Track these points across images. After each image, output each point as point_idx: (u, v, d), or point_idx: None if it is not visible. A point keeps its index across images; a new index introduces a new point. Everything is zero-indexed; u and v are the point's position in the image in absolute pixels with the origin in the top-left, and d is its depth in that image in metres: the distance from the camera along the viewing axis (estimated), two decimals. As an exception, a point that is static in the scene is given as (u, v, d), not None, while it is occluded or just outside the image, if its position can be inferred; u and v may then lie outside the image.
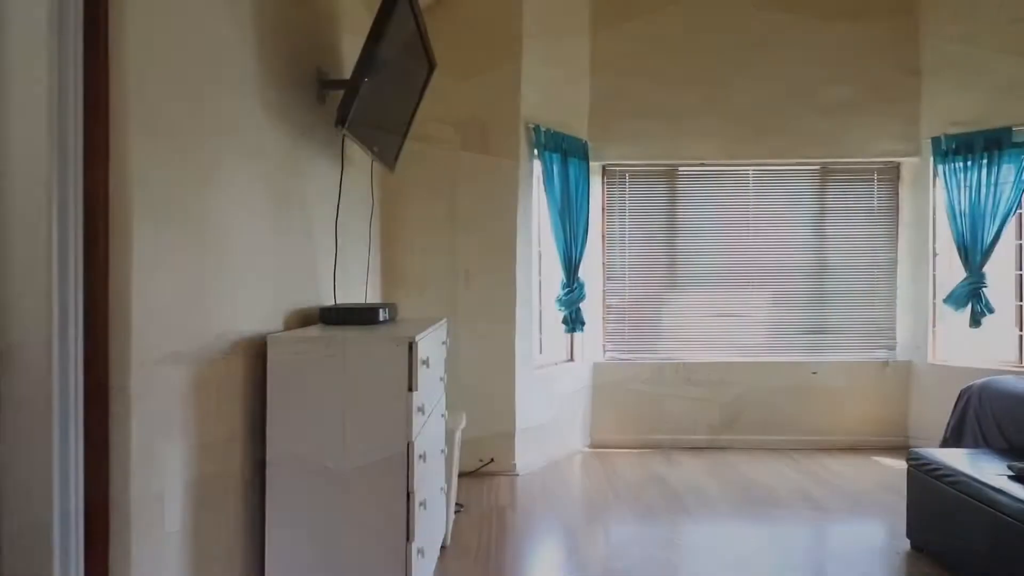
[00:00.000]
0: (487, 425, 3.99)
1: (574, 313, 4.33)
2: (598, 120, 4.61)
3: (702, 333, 4.75)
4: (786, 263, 4.71)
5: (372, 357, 1.96)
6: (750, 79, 4.59)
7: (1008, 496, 2.36)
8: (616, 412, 4.69)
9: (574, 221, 4.31)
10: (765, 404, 4.65)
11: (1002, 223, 4.13)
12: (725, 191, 4.74)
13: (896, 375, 4.63)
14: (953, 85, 4.39)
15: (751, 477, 4.00)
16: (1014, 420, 3.00)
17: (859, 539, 3.15)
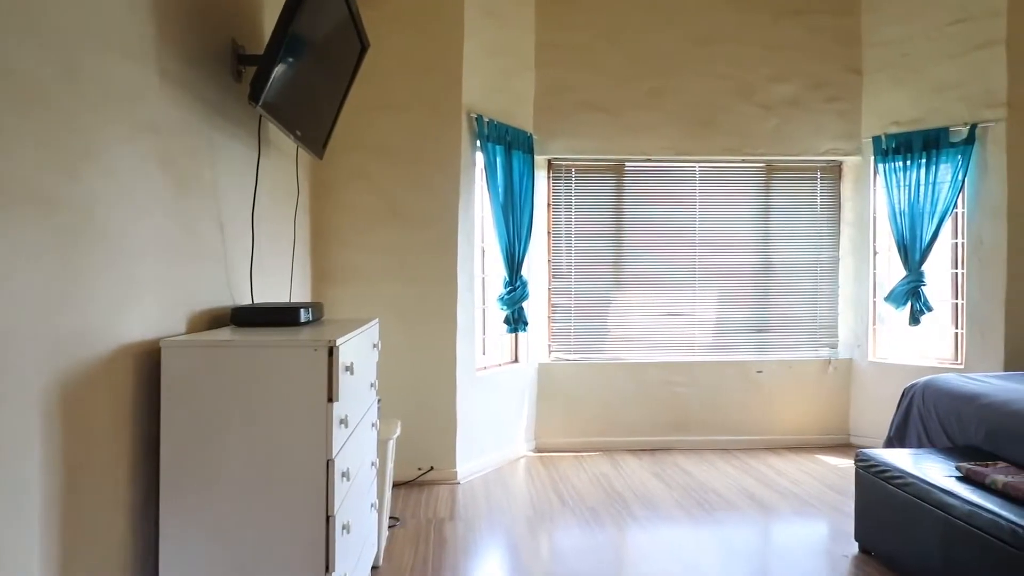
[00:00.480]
0: (426, 431, 3.77)
1: (516, 313, 4.15)
2: (543, 113, 4.45)
3: (649, 332, 4.65)
4: (732, 261, 4.67)
5: (286, 364, 1.72)
6: (697, 75, 4.52)
7: (958, 498, 2.31)
8: (562, 414, 4.54)
9: (518, 217, 4.13)
10: (711, 404, 4.60)
11: (940, 222, 4.19)
12: (672, 188, 4.66)
13: (838, 373, 4.66)
14: (892, 85, 4.43)
15: (698, 478, 3.92)
16: (958, 419, 2.99)
17: (807, 542, 3.08)
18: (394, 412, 3.51)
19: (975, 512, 2.22)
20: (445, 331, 3.80)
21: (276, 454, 1.69)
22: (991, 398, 2.86)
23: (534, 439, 4.52)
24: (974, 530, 2.21)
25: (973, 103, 4.10)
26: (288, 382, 1.71)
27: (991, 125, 4.05)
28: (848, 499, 3.56)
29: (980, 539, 2.19)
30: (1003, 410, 2.76)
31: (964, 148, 4.10)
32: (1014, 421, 2.66)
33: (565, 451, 4.47)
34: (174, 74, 1.86)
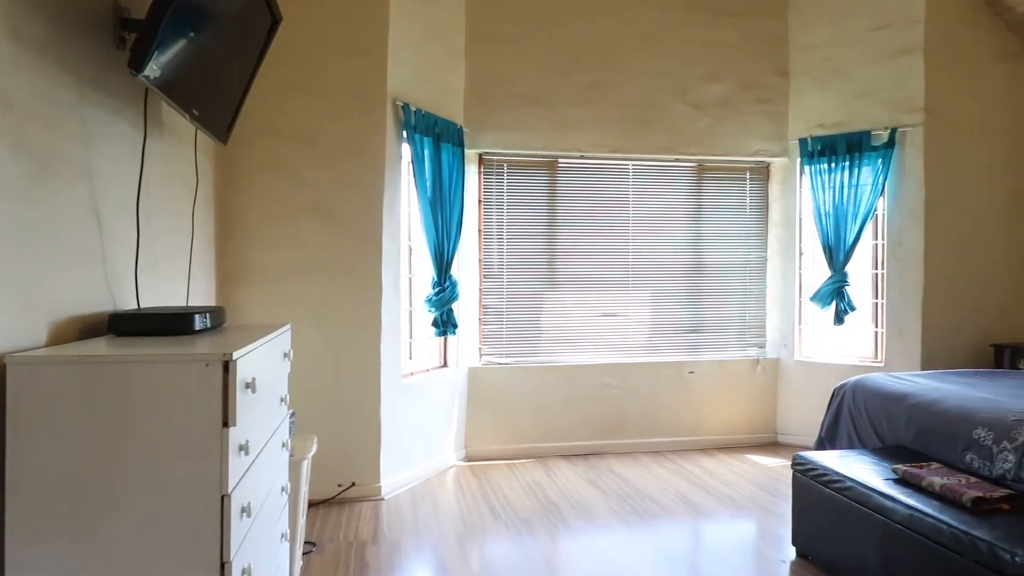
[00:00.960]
0: (347, 445, 3.48)
1: (446, 315, 3.92)
2: (474, 104, 4.24)
3: (583, 334, 4.53)
4: (665, 261, 4.62)
5: (172, 383, 1.43)
6: (632, 72, 4.43)
7: (897, 502, 2.28)
8: (493, 421, 4.35)
9: (447, 213, 3.90)
10: (645, 406, 4.53)
11: (862, 224, 4.28)
12: (605, 186, 4.55)
13: (766, 373, 4.70)
14: (817, 88, 4.50)
15: (633, 483, 3.82)
16: (887, 418, 3.01)
17: (744, 547, 3.03)
18: (311, 426, 3.21)
19: (915, 516, 2.19)
20: (369, 335, 3.52)
21: (158, 493, 1.41)
22: (919, 397, 2.89)
23: (464, 448, 4.31)
24: (914, 534, 2.18)
25: (893, 108, 4.21)
26: (174, 405, 1.43)
27: (910, 130, 4.16)
28: (780, 500, 3.55)
29: (920, 543, 2.15)
30: (931, 410, 2.78)
31: (885, 152, 4.20)
32: (942, 421, 2.69)
33: (497, 459, 4.28)
34: (32, 36, 1.53)
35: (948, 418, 2.67)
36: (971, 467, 2.50)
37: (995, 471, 2.39)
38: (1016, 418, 2.43)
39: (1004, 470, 2.36)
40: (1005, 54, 4.32)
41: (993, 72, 4.30)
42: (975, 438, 2.50)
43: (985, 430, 2.48)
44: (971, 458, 2.50)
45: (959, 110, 4.20)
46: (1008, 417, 2.46)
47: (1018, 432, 2.36)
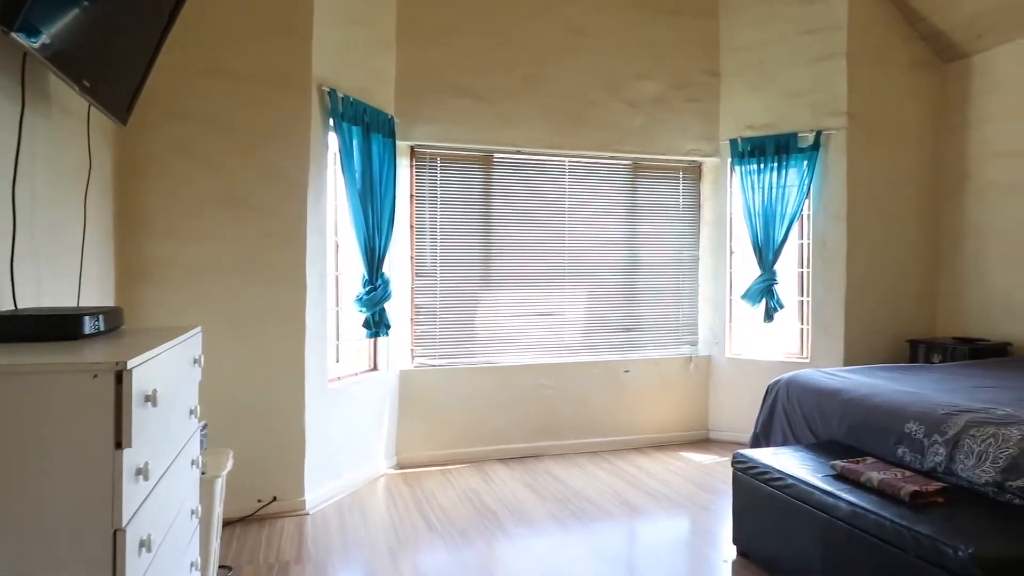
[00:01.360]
0: (268, 456, 3.22)
1: (378, 315, 3.71)
2: (406, 94, 4.04)
3: (519, 334, 4.42)
4: (601, 260, 4.58)
5: (51, 397, 1.20)
6: (567, 66, 4.36)
7: (839, 499, 2.28)
8: (426, 425, 4.16)
9: (378, 207, 3.69)
10: (581, 406, 4.47)
11: (790, 224, 4.38)
12: (542, 182, 4.46)
13: (698, 370, 4.74)
14: (747, 89, 4.58)
15: (571, 486, 3.74)
16: (821, 414, 3.05)
17: (683, 546, 2.99)
18: (227, 439, 2.93)
19: (856, 512, 2.19)
20: (292, 337, 3.27)
21: (36, 531, 1.17)
22: (852, 393, 2.94)
23: (396, 455, 4.10)
24: (856, 531, 2.18)
25: (818, 111, 4.33)
26: (55, 424, 1.19)
27: (833, 133, 4.29)
28: (716, 498, 3.56)
29: (862, 540, 2.16)
30: (863, 405, 2.83)
31: (811, 154, 4.32)
32: (875, 415, 2.74)
33: (430, 465, 4.10)
34: None
35: (880, 413, 2.72)
36: (903, 460, 2.54)
37: (926, 464, 2.44)
38: (945, 412, 2.50)
39: (935, 463, 2.41)
40: (920, 63, 4.53)
41: (909, 79, 4.51)
42: (907, 432, 2.55)
43: (916, 424, 2.53)
44: (903, 451, 2.55)
45: (878, 115, 4.38)
46: (937, 411, 2.52)
47: (948, 426, 2.42)
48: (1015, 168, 4.18)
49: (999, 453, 2.21)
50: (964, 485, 2.30)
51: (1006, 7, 3.97)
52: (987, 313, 4.33)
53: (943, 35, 4.39)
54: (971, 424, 2.36)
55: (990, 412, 2.43)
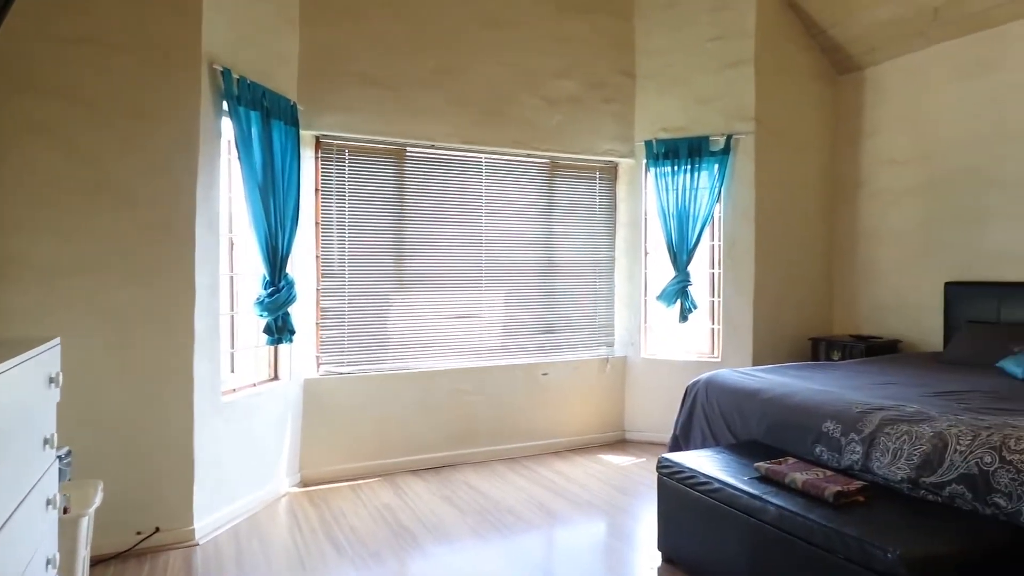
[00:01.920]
0: (149, 483, 2.83)
1: (281, 319, 3.38)
2: (311, 80, 3.73)
3: (434, 337, 4.20)
4: (518, 260, 4.45)
5: None
6: (484, 59, 4.19)
7: (767, 502, 2.25)
8: (334, 438, 3.86)
9: (280, 202, 3.37)
10: (499, 411, 4.32)
11: (703, 225, 4.44)
12: (457, 179, 4.27)
13: (614, 371, 4.72)
14: (661, 92, 4.61)
15: (491, 497, 3.58)
16: (740, 414, 3.07)
17: (608, 555, 2.90)
18: (99, 466, 2.54)
19: (784, 515, 2.17)
20: (178, 347, 2.89)
21: None
22: (770, 393, 2.97)
23: (300, 471, 3.77)
24: (784, 534, 2.16)
25: (728, 115, 4.42)
26: None
27: (743, 137, 4.40)
28: (636, 501, 3.52)
29: (791, 543, 2.14)
30: (782, 404, 2.86)
31: (722, 157, 4.40)
32: (794, 415, 2.76)
33: (339, 481, 3.81)
34: None
35: (798, 412, 2.75)
36: (820, 459, 2.58)
37: (843, 462, 2.48)
38: (860, 410, 2.55)
39: (852, 461, 2.45)
40: (819, 73, 4.75)
41: (810, 89, 4.71)
42: (824, 431, 2.59)
43: (833, 423, 2.57)
44: (821, 450, 2.59)
45: (783, 122, 4.53)
46: (853, 409, 2.57)
47: (863, 424, 2.47)
48: (902, 176, 4.45)
49: (913, 450, 2.27)
50: (880, 482, 2.35)
51: (894, 24, 4.21)
52: (879, 312, 4.60)
53: (840, 48, 4.62)
54: (885, 422, 2.42)
55: (901, 410, 2.50)
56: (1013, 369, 3.21)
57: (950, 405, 2.59)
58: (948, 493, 2.14)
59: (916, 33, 4.21)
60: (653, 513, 3.21)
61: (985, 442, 2.12)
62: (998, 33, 3.87)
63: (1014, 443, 2.06)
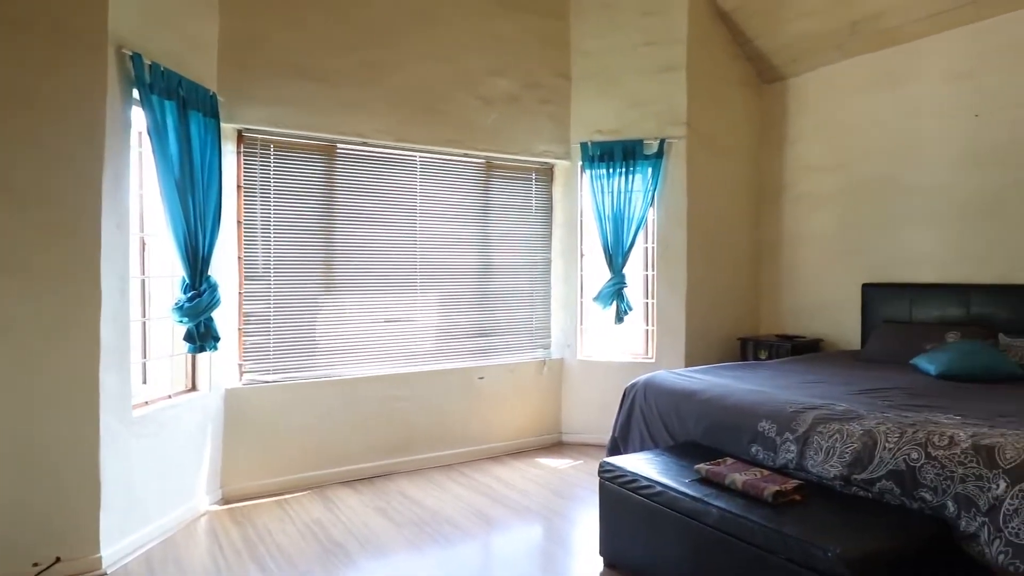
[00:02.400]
0: (48, 507, 2.56)
1: (203, 325, 3.14)
2: (232, 69, 3.50)
3: (366, 343, 4.04)
4: (453, 261, 4.35)
5: None
6: (416, 55, 4.07)
7: (709, 504, 2.26)
8: (258, 451, 3.64)
9: (200, 200, 3.13)
10: (435, 417, 4.20)
11: (638, 228, 4.49)
12: (391, 178, 4.12)
13: (551, 373, 4.70)
14: (596, 94, 4.63)
15: (428, 507, 3.46)
16: (678, 415, 3.09)
17: (549, 561, 2.85)
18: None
19: (726, 517, 2.18)
20: (81, 356, 2.62)
21: None
22: (707, 394, 3.00)
23: (221, 488, 3.53)
24: (727, 536, 2.17)
25: (662, 120, 4.49)
26: None
27: (675, 141, 4.47)
28: (575, 504, 3.50)
29: (733, 545, 2.15)
30: (719, 405, 2.90)
31: (655, 161, 4.46)
32: (731, 416, 2.80)
33: (264, 496, 3.59)
34: None
35: (735, 413, 2.79)
36: (756, 458, 2.62)
37: (778, 461, 2.53)
38: (793, 410, 2.61)
39: (787, 460, 2.50)
40: (746, 81, 4.90)
41: (738, 96, 4.86)
42: (760, 431, 2.63)
43: (769, 423, 2.62)
44: (757, 450, 2.63)
45: (713, 127, 4.65)
46: (787, 409, 2.63)
47: (797, 424, 2.53)
48: (822, 182, 4.65)
49: (845, 448, 2.33)
50: (814, 480, 2.40)
51: (814, 37, 4.40)
52: (801, 312, 4.79)
53: (765, 58, 4.78)
54: (818, 421, 2.48)
55: (832, 408, 2.58)
56: (926, 366, 3.39)
57: (875, 403, 2.69)
58: (878, 489, 2.22)
59: (834, 46, 4.40)
60: (593, 517, 3.20)
61: (911, 439, 2.20)
62: (909, 49, 4.10)
63: (938, 439, 2.15)
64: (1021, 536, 1.87)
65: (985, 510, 1.96)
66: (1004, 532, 1.91)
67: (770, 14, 4.41)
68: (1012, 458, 1.98)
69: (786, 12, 4.32)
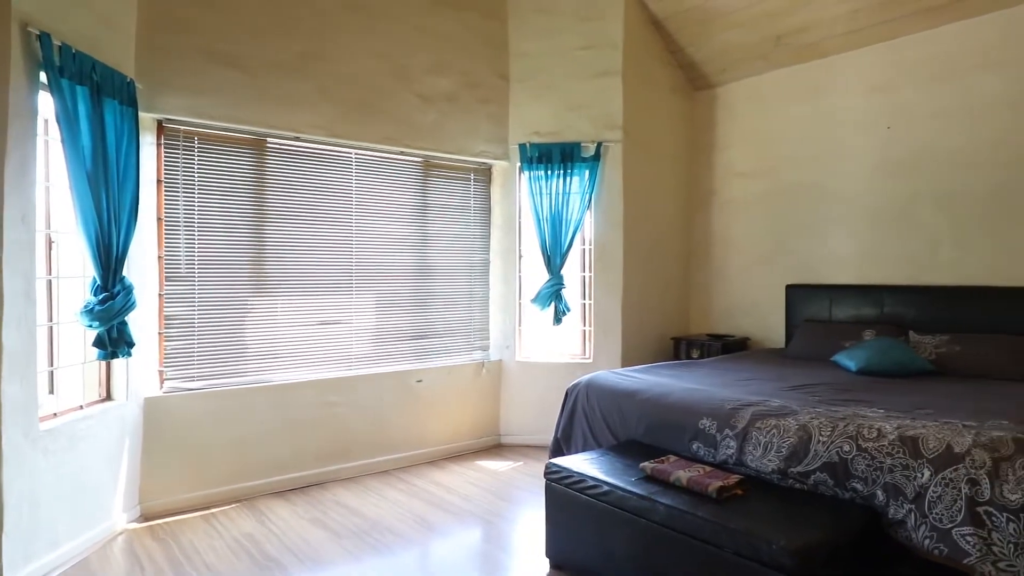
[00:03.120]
0: (-60, 536, 2.29)
1: (117, 330, 2.91)
2: (151, 54, 3.27)
3: (301, 346, 3.87)
4: (391, 262, 4.24)
5: None
6: (351, 48, 3.94)
7: (655, 502, 2.29)
8: (182, 463, 3.41)
9: (115, 194, 2.89)
10: (374, 422, 4.08)
11: (576, 229, 4.52)
12: (325, 175, 3.97)
13: (490, 375, 4.66)
14: (535, 96, 4.63)
15: (367, 516, 3.35)
16: (620, 414, 3.13)
17: (493, 566, 2.82)
18: None
19: (673, 514, 2.22)
20: (-21, 366, 2.37)
21: None
22: (649, 393, 3.05)
23: (139, 504, 3.28)
24: (675, 532, 2.21)
25: (598, 124, 4.55)
26: None
27: (611, 145, 4.54)
28: (517, 507, 3.48)
29: (681, 541, 2.18)
30: (660, 404, 2.95)
31: (592, 164, 4.51)
32: (672, 414, 2.86)
33: (189, 511, 3.36)
34: None
35: (676, 411, 2.85)
36: (697, 455, 2.69)
37: (719, 457, 2.60)
38: (732, 407, 2.69)
39: (727, 455, 2.57)
40: (678, 88, 5.04)
41: (671, 102, 4.99)
42: (701, 428, 2.70)
43: (709, 420, 2.69)
44: (698, 447, 2.70)
45: (647, 131, 4.75)
46: (725, 407, 2.71)
47: (736, 420, 2.60)
48: (748, 187, 4.85)
49: (782, 443, 2.42)
50: (753, 474, 2.48)
51: (741, 48, 4.58)
52: (730, 312, 4.97)
53: (696, 66, 4.94)
54: (756, 417, 2.57)
55: (767, 404, 2.67)
56: (846, 363, 3.58)
57: (806, 398, 2.81)
58: (813, 481, 2.31)
59: (760, 57, 4.60)
60: (535, 519, 3.19)
61: (843, 432, 2.31)
62: (829, 63, 4.34)
63: (867, 432, 2.27)
64: (944, 521, 1.99)
65: (911, 498, 2.08)
66: (929, 518, 2.03)
67: (701, 24, 4.56)
68: (934, 448, 2.11)
69: (716, 23, 4.47)
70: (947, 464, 2.05)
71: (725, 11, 4.33)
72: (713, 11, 4.38)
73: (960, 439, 2.10)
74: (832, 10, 4.00)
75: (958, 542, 1.95)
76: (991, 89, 3.65)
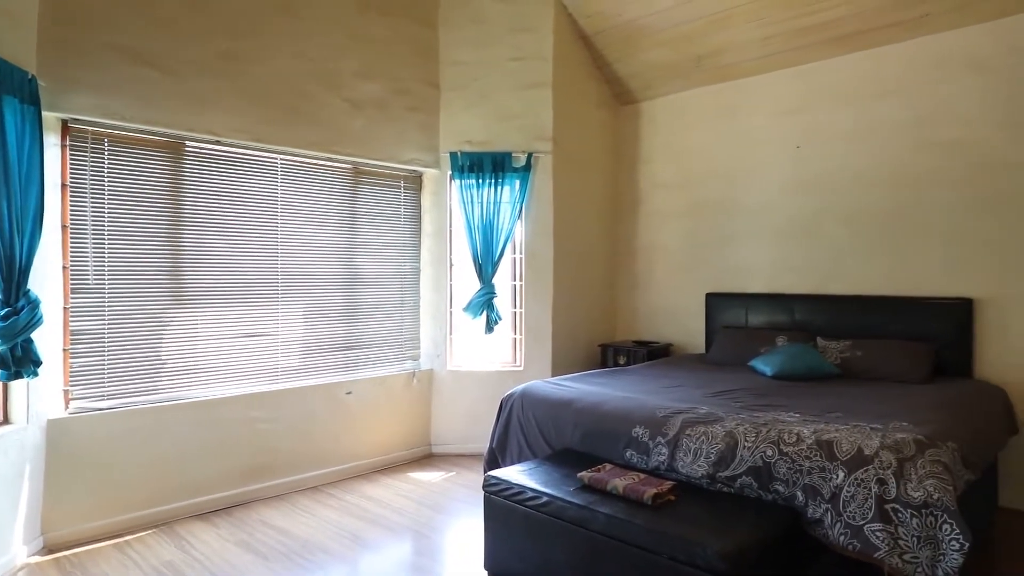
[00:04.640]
0: None
1: (20, 348, 2.67)
2: (55, 48, 3.03)
3: (222, 360, 3.69)
4: (319, 271, 4.12)
5: None
6: (276, 49, 3.81)
7: (595, 512, 2.34)
8: (90, 489, 3.17)
9: (17, 201, 2.66)
10: (301, 437, 3.95)
11: (507, 238, 4.56)
12: (248, 182, 3.81)
13: (421, 385, 4.62)
14: (465, 106, 4.64)
15: (297, 535, 3.24)
16: (555, 424, 3.18)
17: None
18: None
19: (612, 522, 2.28)
20: None
21: None
22: (584, 402, 3.13)
23: (42, 535, 3.03)
24: (614, 541, 2.27)
25: (529, 134, 4.61)
26: None
27: (542, 155, 4.61)
28: (451, 518, 3.48)
29: (621, 549, 2.25)
30: (596, 412, 3.03)
31: (523, 174, 4.57)
32: (607, 422, 2.94)
33: (99, 540, 3.13)
34: None
35: (611, 420, 2.93)
36: (631, 462, 2.78)
37: (651, 463, 2.70)
38: (663, 415, 2.80)
39: (659, 462, 2.68)
40: (605, 102, 5.19)
41: (598, 115, 5.13)
42: (634, 436, 2.79)
43: (642, 428, 2.79)
44: (631, 454, 2.79)
45: (575, 143, 4.86)
46: (657, 414, 2.82)
47: (668, 427, 2.71)
48: (669, 199, 5.06)
49: (710, 449, 2.55)
50: (683, 479, 2.60)
51: (664, 66, 4.78)
52: (653, 319, 5.16)
53: (621, 81, 5.10)
54: (686, 424, 2.69)
55: (695, 411, 2.80)
56: (763, 368, 3.81)
57: (729, 404, 2.97)
58: (739, 485, 2.45)
59: (681, 76, 4.82)
60: (471, 530, 3.20)
61: (766, 437, 2.46)
62: (745, 84, 4.60)
63: (787, 436, 2.43)
64: (857, 519, 2.16)
65: (828, 498, 2.25)
66: (843, 516, 2.20)
67: (627, 42, 4.71)
68: (847, 451, 2.28)
69: (641, 42, 4.64)
70: (859, 465, 2.22)
71: (649, 31, 4.51)
72: (638, 30, 4.55)
73: (869, 442, 2.29)
74: (747, 35, 4.24)
75: (869, 537, 2.13)
76: (891, 115, 3.98)
